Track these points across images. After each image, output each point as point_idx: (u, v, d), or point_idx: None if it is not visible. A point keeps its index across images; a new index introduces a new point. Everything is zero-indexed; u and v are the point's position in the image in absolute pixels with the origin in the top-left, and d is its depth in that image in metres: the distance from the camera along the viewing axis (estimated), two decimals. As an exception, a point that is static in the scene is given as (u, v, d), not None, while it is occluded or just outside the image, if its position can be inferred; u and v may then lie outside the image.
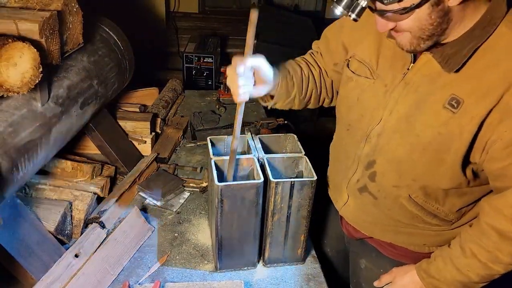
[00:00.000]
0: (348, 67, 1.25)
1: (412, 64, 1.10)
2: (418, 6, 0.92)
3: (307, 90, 1.35)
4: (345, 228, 1.44)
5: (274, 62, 1.24)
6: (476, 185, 1.14)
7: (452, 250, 1.15)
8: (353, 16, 0.97)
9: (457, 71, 1.01)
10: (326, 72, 1.40)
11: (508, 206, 1.04)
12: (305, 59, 1.42)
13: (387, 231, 1.29)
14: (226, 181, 1.25)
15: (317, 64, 1.40)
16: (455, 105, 1.01)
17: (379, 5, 0.95)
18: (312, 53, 1.44)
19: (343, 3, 0.96)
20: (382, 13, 0.96)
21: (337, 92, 1.39)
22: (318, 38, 1.42)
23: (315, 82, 1.38)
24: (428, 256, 1.23)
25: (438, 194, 1.16)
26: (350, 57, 1.25)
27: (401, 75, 1.11)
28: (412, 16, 0.94)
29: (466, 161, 1.06)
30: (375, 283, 1.33)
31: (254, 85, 1.20)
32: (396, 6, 0.92)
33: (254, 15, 1.09)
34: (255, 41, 1.17)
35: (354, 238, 1.41)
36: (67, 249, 1.35)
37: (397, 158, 1.14)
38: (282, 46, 3.10)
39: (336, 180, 1.39)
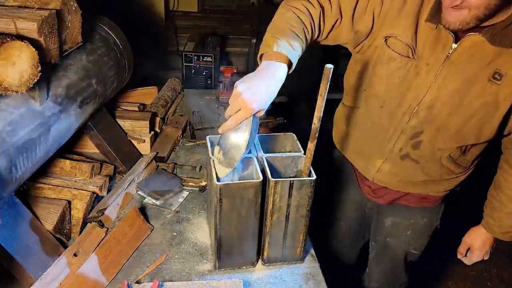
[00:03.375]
0: (389, 47, 1.33)
1: (454, 45, 1.24)
2: None
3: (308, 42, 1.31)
4: (370, 194, 1.66)
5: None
6: (496, 138, 1.37)
7: (502, 205, 1.45)
8: None
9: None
10: (326, 18, 1.34)
11: None
12: (308, 5, 1.32)
13: (419, 185, 1.53)
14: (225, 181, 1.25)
15: (319, 4, 1.32)
16: (498, 77, 1.22)
17: None
18: None
19: None
20: None
21: (328, 33, 1.37)
22: None
23: (313, 30, 1.31)
24: (441, 198, 1.58)
25: (467, 148, 1.40)
26: (389, 36, 1.32)
27: (444, 55, 1.26)
28: None
29: (504, 122, 1.30)
30: (459, 256, 1.63)
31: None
32: None
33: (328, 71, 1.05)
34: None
35: (382, 203, 1.64)
36: (66, 248, 1.35)
37: (447, 126, 1.33)
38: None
39: (366, 151, 1.55)
